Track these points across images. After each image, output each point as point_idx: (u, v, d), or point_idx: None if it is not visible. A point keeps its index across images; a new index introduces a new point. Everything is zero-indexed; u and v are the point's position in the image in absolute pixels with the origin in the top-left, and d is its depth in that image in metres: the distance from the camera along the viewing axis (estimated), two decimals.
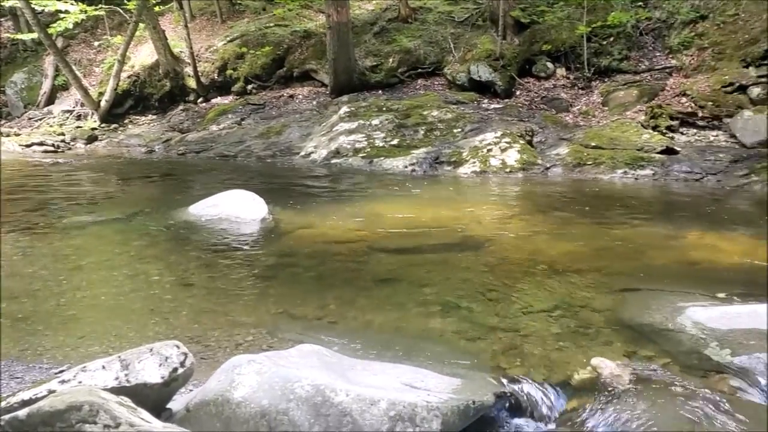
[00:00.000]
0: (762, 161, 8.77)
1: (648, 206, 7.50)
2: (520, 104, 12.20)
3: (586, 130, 10.49)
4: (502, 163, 9.68)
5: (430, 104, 11.99)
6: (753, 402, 2.74)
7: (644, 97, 10.99)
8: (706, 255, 5.09)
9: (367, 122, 11.41)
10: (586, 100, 11.83)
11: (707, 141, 9.85)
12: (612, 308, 3.78)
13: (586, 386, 2.72)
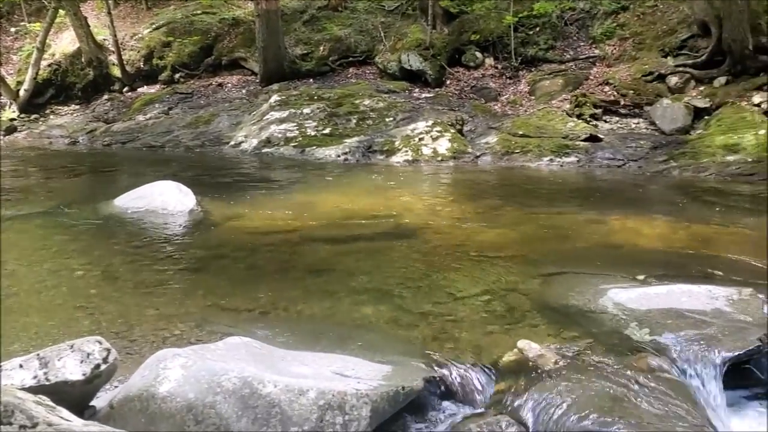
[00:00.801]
0: (680, 147, 9.16)
1: (573, 192, 7.73)
2: (451, 93, 12.34)
3: (514, 119, 10.71)
4: (434, 152, 9.78)
5: (362, 93, 11.98)
6: (670, 379, 2.87)
7: (569, 86, 11.29)
8: (627, 238, 5.28)
9: (299, 111, 11.32)
10: (514, 89, 12.06)
11: (629, 128, 10.21)
12: (538, 292, 3.89)
13: (513, 368, 2.79)
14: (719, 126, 9.22)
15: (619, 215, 6.06)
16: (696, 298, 3.62)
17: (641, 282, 3.97)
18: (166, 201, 5.90)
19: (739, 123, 9.07)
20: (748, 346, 3.10)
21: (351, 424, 2.08)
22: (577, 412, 2.42)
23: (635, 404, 2.53)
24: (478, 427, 2.41)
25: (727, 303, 3.57)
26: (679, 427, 2.39)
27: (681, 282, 3.87)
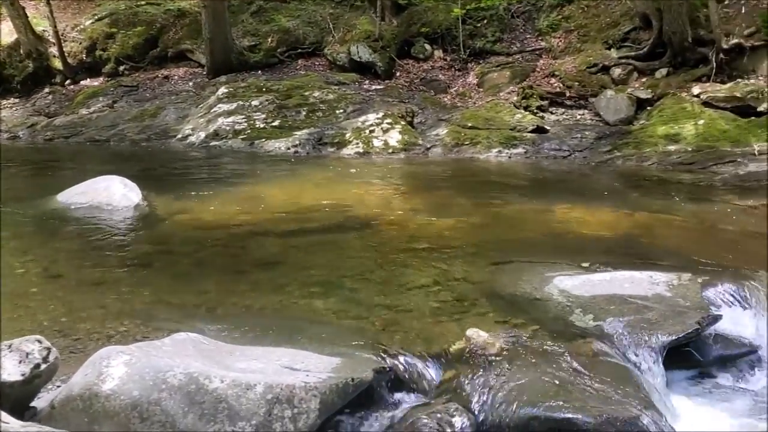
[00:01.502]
0: (623, 138, 9.39)
1: (521, 183, 7.85)
2: (401, 85, 12.37)
3: (464, 111, 10.80)
4: (385, 144, 9.80)
5: (312, 85, 11.91)
6: (613, 362, 2.95)
7: (516, 78, 11.44)
8: (573, 227, 5.40)
9: (247, 103, 11.19)
10: (463, 81, 12.16)
11: (574, 119, 10.41)
12: (487, 281, 3.94)
13: (461, 356, 2.83)
14: (661, 116, 9.48)
15: (566, 205, 6.18)
16: (638, 284, 3.73)
17: (586, 269, 4.05)
18: (111, 196, 5.76)
19: (680, 113, 9.35)
20: (687, 330, 3.21)
21: (300, 417, 2.08)
22: (524, 397, 2.47)
23: (580, 388, 2.59)
24: (427, 416, 2.43)
25: (668, 288, 3.68)
26: (622, 408, 2.46)
27: (624, 269, 3.98)
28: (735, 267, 4.28)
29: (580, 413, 2.37)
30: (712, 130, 8.85)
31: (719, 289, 3.83)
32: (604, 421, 2.36)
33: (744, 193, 6.57)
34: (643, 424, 2.40)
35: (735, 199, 6.37)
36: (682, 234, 5.29)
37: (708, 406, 3.09)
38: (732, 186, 6.98)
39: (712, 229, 5.46)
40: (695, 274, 3.93)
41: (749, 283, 3.98)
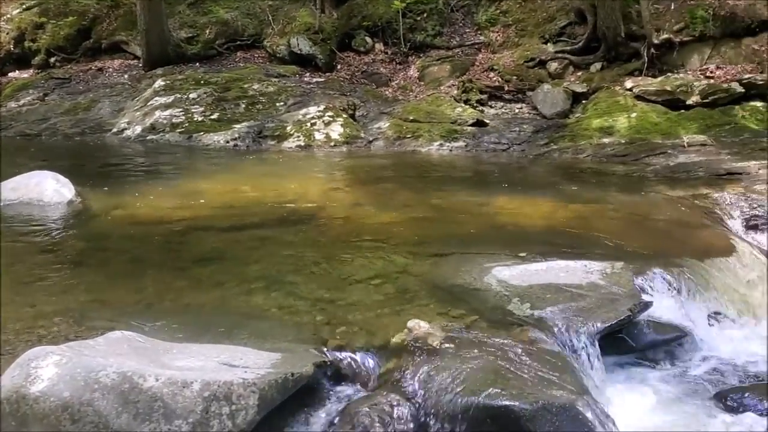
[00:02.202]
0: (560, 131, 9.60)
1: (462, 176, 7.95)
2: (342, 78, 12.33)
3: (405, 105, 10.85)
4: (327, 137, 9.76)
5: (251, 77, 11.75)
6: (549, 350, 3.02)
7: (456, 72, 11.55)
8: (512, 219, 5.49)
9: (185, 96, 10.96)
10: (404, 74, 12.20)
11: (513, 113, 10.58)
12: (428, 273, 3.97)
13: (403, 348, 2.85)
14: (595, 110, 9.73)
15: (505, 197, 6.29)
16: (573, 272, 3.83)
17: (523, 259, 4.13)
18: (43, 192, 5.57)
19: (614, 107, 9.61)
20: (619, 317, 3.32)
21: (238, 414, 2.06)
22: (463, 385, 2.51)
23: (517, 375, 2.65)
24: (368, 408, 2.45)
25: (601, 276, 3.79)
26: (558, 394, 2.52)
27: (559, 258, 4.07)
28: (665, 255, 4.44)
29: (517, 400, 2.42)
30: (644, 122, 9.14)
31: (650, 276, 3.98)
32: (540, 407, 2.41)
33: (674, 184, 6.80)
34: (578, 408, 2.46)
35: (666, 190, 6.58)
36: (615, 224, 5.45)
37: (640, 390, 3.21)
38: (663, 177, 7.21)
39: (643, 218, 5.64)
40: (628, 262, 4.06)
41: (678, 270, 4.16)
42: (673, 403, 3.08)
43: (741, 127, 8.82)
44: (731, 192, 6.21)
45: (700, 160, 7.62)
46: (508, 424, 2.38)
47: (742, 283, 4.49)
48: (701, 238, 5.14)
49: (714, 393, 3.19)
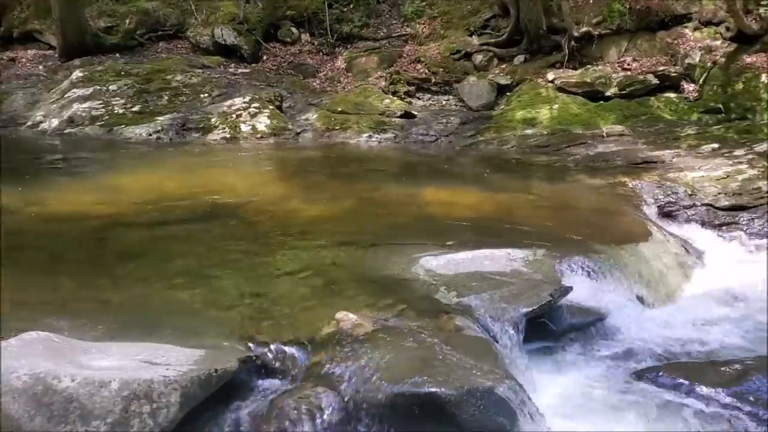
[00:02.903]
0: (486, 122, 9.77)
1: (391, 168, 7.99)
2: (268, 69, 12.17)
3: (333, 96, 10.81)
4: (253, 129, 9.62)
5: (174, 68, 11.44)
6: (474, 336, 3.08)
7: (384, 63, 11.58)
8: (439, 209, 5.56)
9: (105, 88, 10.57)
10: (332, 65, 12.15)
11: (440, 105, 10.71)
12: (357, 264, 3.99)
13: (330, 340, 2.85)
14: (519, 102, 9.96)
15: (433, 188, 6.37)
16: (497, 260, 3.92)
17: (450, 249, 4.19)
18: None
19: (536, 99, 9.86)
20: (541, 302, 3.41)
21: (159, 412, 2.02)
22: (390, 375, 2.53)
23: (443, 362, 2.68)
24: (294, 401, 2.44)
25: (524, 264, 3.90)
26: (482, 380, 2.57)
27: (485, 247, 4.15)
28: (585, 242, 4.61)
29: (443, 387, 2.46)
30: (565, 114, 9.41)
31: (571, 262, 4.11)
32: (466, 392, 2.46)
33: (594, 173, 7.03)
34: (500, 392, 2.52)
35: (586, 179, 6.80)
36: (538, 212, 5.60)
37: (561, 372, 3.31)
38: (583, 166, 7.44)
39: (565, 207, 5.82)
40: (550, 249, 4.19)
41: (597, 256, 4.31)
42: (592, 383, 3.19)
43: (656, 117, 9.21)
44: (647, 180, 6.49)
45: (618, 150, 7.91)
46: (435, 410, 2.42)
47: (657, 267, 4.70)
48: (619, 225, 5.35)
49: (631, 372, 3.32)
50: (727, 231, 5.79)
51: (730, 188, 6.16)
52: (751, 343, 3.73)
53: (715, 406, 2.95)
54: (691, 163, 6.92)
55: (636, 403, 2.99)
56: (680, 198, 6.15)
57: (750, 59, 9.53)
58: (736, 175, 6.38)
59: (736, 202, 6.02)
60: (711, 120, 8.95)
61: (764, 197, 6.02)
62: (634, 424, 2.80)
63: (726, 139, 7.93)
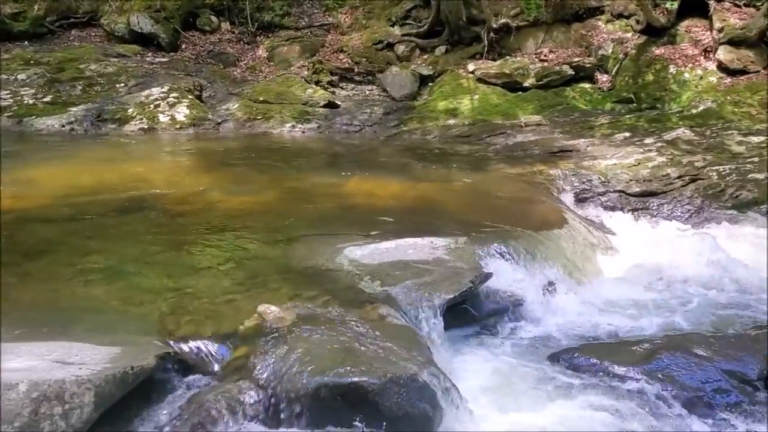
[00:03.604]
0: (409, 113, 9.85)
1: (315, 158, 7.93)
2: (187, 58, 11.86)
3: (255, 85, 10.64)
4: (172, 119, 9.37)
5: (88, 57, 10.99)
6: (397, 324, 3.11)
7: (306, 52, 11.48)
8: (364, 199, 5.57)
9: (12, 77, 10.05)
10: (253, 55, 11.96)
11: (364, 95, 10.71)
12: (280, 256, 3.95)
13: (252, 333, 2.82)
14: (441, 92, 10.08)
15: (358, 178, 6.36)
16: (420, 249, 3.97)
17: (374, 238, 4.21)
18: None
19: (458, 89, 10.00)
20: (462, 289, 3.49)
21: (72, 413, 1.95)
22: (313, 366, 2.53)
23: (366, 352, 2.70)
24: (215, 397, 2.40)
25: (446, 252, 3.96)
26: (404, 367, 2.61)
27: (408, 236, 4.19)
28: (505, 229, 4.72)
29: (366, 376, 2.48)
30: (485, 104, 9.59)
31: (491, 249, 4.22)
32: (388, 380, 2.49)
33: (513, 162, 7.20)
34: (423, 379, 2.57)
35: (506, 168, 6.96)
36: (460, 201, 5.70)
37: (482, 356, 3.40)
38: (503, 156, 7.61)
39: (486, 195, 5.94)
40: (471, 237, 4.28)
41: (517, 243, 4.43)
42: (512, 366, 3.28)
43: (572, 107, 9.50)
44: (563, 168, 6.70)
45: (536, 139, 8.13)
46: (358, 399, 2.44)
47: (573, 252, 4.87)
48: (537, 212, 5.51)
49: (549, 355, 3.44)
50: (639, 216, 6.06)
51: (640, 175, 6.44)
52: (662, 322, 3.93)
53: (627, 384, 3.09)
54: (605, 151, 7.19)
55: (553, 383, 3.10)
56: (594, 185, 6.39)
57: (659, 51, 9.96)
58: (646, 162, 6.67)
59: (646, 188, 6.30)
60: (623, 109, 9.30)
61: (672, 183, 6.33)
62: (551, 404, 2.90)
63: (637, 127, 8.27)
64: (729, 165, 6.53)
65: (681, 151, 6.98)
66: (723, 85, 9.16)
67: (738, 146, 7.23)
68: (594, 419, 2.76)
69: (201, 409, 2.33)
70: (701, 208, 6.02)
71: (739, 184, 6.13)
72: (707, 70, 9.45)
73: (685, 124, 8.21)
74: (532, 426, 2.68)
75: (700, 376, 3.10)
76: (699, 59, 9.66)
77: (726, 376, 3.13)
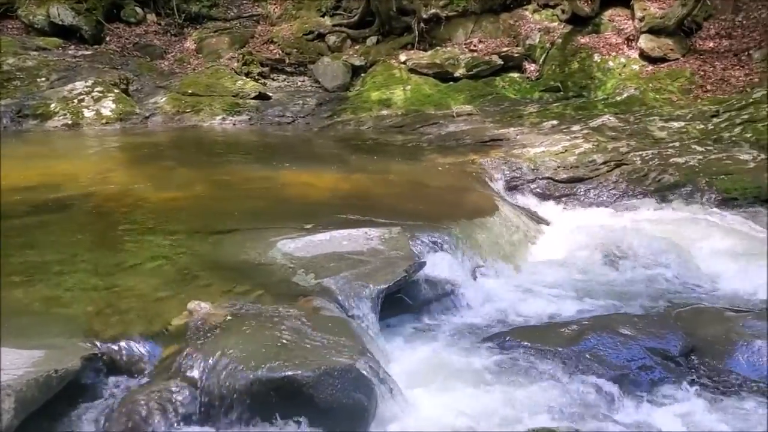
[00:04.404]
0: (342, 103, 9.82)
1: (247, 150, 7.83)
2: (112, 51, 11.49)
3: (183, 78, 10.42)
4: (97, 114, 9.09)
5: (5, 51, 10.51)
6: (332, 316, 3.11)
7: (236, 44, 11.30)
8: (298, 192, 5.54)
9: None
10: (180, 47, 11.69)
11: (296, 86, 10.63)
12: (211, 252, 3.89)
13: (182, 331, 2.77)
14: (374, 83, 10.09)
15: (291, 170, 6.31)
16: (354, 240, 3.97)
17: (308, 231, 4.19)
18: None
19: (390, 80, 10.03)
20: (396, 278, 3.51)
21: None
22: (246, 362, 2.50)
23: (301, 345, 2.69)
24: (145, 396, 2.35)
25: (381, 242, 3.97)
26: (339, 358, 2.61)
27: (342, 227, 4.19)
28: (438, 218, 4.77)
29: (300, 369, 2.47)
30: (418, 95, 9.66)
31: (425, 238, 4.25)
32: (323, 372, 2.49)
33: (446, 152, 7.29)
34: (357, 370, 2.58)
35: (439, 158, 7.03)
36: (394, 191, 5.73)
37: (417, 343, 3.43)
38: (436, 146, 7.68)
39: (419, 185, 5.99)
40: (405, 227, 4.30)
41: (450, 231, 4.49)
42: (446, 352, 3.32)
43: (501, 96, 9.67)
44: (494, 157, 6.82)
45: (467, 129, 8.23)
46: (292, 393, 2.43)
47: (505, 238, 4.97)
48: (470, 201, 5.59)
49: (481, 339, 3.50)
50: (567, 201, 6.22)
51: (568, 162, 6.61)
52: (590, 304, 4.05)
53: (557, 365, 3.17)
54: (534, 139, 7.35)
55: (485, 367, 3.15)
56: (524, 173, 6.53)
57: (584, 40, 10.24)
58: (573, 149, 6.85)
59: (573, 174, 6.48)
60: (551, 98, 9.53)
61: (599, 169, 6.53)
62: (483, 388, 2.95)
63: (564, 115, 8.49)
64: (651, 150, 6.77)
65: (606, 137, 7.20)
66: (645, 72, 9.48)
67: (660, 132, 7.51)
68: (525, 401, 2.82)
69: (131, 411, 2.28)
70: (626, 192, 6.23)
71: (661, 168, 6.36)
72: (630, 58, 9.77)
73: (609, 111, 8.48)
74: (466, 408, 2.72)
75: (626, 354, 3.21)
76: (622, 48, 9.97)
77: (650, 354, 3.24)
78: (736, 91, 8.53)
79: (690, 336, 3.40)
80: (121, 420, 2.27)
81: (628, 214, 5.90)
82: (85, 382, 2.46)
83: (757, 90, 8.23)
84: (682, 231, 5.33)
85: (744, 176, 6.05)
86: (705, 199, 5.93)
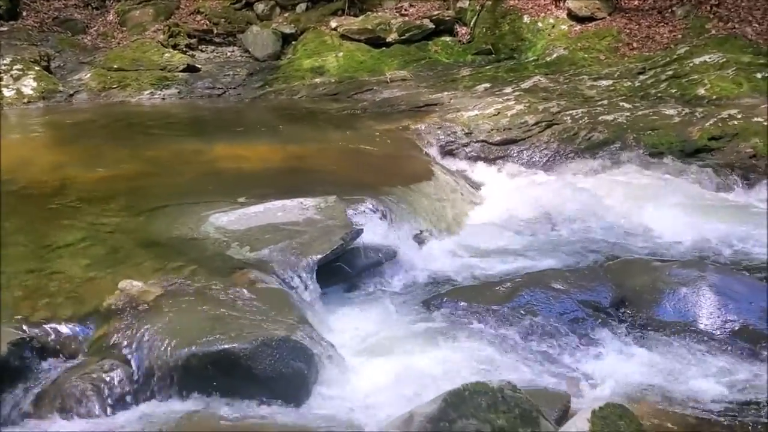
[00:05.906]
0: (273, 73, 9.65)
1: (177, 124, 7.62)
2: (30, 26, 10.93)
3: (107, 53, 10.01)
4: (18, 93, 8.68)
5: None
6: (269, 288, 3.10)
7: (161, 16, 10.90)
8: (231, 165, 5.44)
9: None
10: (103, 20, 11.22)
11: (225, 57, 10.36)
12: (142, 229, 3.81)
13: (115, 311, 2.72)
14: (305, 50, 9.92)
15: (223, 143, 6.19)
16: (290, 211, 3.94)
17: (242, 204, 4.13)
18: None
19: (322, 47, 9.88)
20: (333, 247, 3.52)
21: None
22: (181, 338, 2.48)
23: (237, 318, 2.69)
24: (79, 378, 2.31)
25: (317, 211, 3.96)
26: (276, 329, 2.61)
27: (277, 198, 4.15)
28: (375, 185, 4.79)
29: (236, 342, 2.47)
30: (350, 61, 9.55)
31: (361, 205, 4.26)
32: (260, 344, 2.49)
33: (381, 118, 7.26)
34: (296, 340, 2.58)
35: (374, 125, 7.01)
36: (330, 160, 5.70)
37: (357, 310, 3.47)
38: (371, 112, 7.64)
39: (355, 153, 5.97)
40: (341, 195, 4.28)
41: (386, 197, 4.51)
42: (386, 316, 3.38)
43: (434, 61, 9.66)
44: (429, 122, 6.84)
45: (402, 95, 8.21)
46: (229, 366, 2.42)
47: (441, 202, 5.03)
48: (406, 167, 5.61)
49: (421, 301, 3.56)
50: (501, 163, 6.32)
51: (501, 124, 6.69)
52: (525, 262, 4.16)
53: (494, 321, 3.26)
54: (467, 103, 7.39)
55: (425, 329, 3.21)
56: (459, 137, 6.58)
57: (513, 1, 10.28)
58: (505, 111, 6.92)
59: (506, 136, 6.57)
60: (483, 61, 9.56)
61: (531, 130, 6.63)
62: (423, 348, 3.01)
63: (497, 78, 8.56)
64: (581, 109, 6.92)
65: (538, 98, 7.30)
66: (573, 32, 9.61)
67: (589, 90, 7.67)
68: (462, 359, 2.89)
69: (64, 392, 2.24)
70: (558, 152, 6.36)
71: (591, 127, 6.51)
72: (558, 18, 9.87)
73: (540, 72, 8.59)
74: (406, 370, 2.77)
75: (559, 308, 3.32)
76: (550, 8, 10.07)
77: (582, 306, 3.36)
78: (660, 48, 8.74)
79: (619, 287, 3.52)
80: (55, 402, 2.22)
81: (560, 172, 6.04)
82: (16, 367, 2.39)
83: (681, 46, 8.47)
84: (612, 187, 5.50)
85: (670, 131, 6.26)
86: (633, 155, 6.10)
